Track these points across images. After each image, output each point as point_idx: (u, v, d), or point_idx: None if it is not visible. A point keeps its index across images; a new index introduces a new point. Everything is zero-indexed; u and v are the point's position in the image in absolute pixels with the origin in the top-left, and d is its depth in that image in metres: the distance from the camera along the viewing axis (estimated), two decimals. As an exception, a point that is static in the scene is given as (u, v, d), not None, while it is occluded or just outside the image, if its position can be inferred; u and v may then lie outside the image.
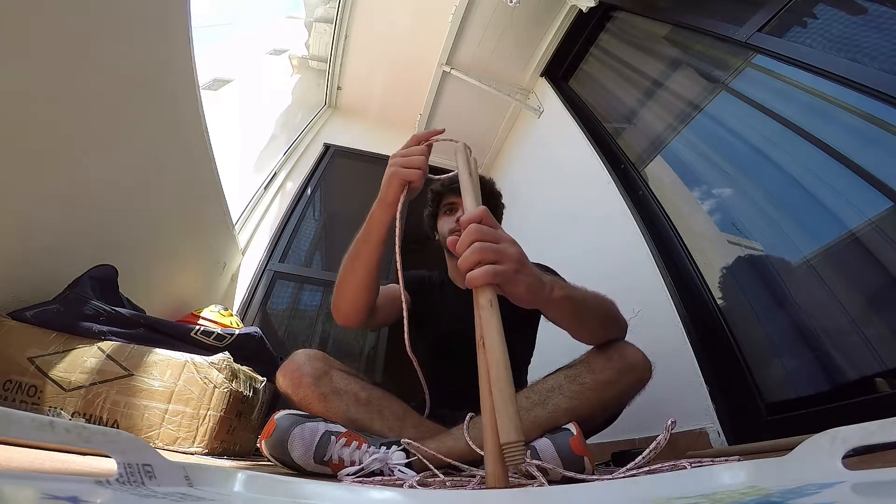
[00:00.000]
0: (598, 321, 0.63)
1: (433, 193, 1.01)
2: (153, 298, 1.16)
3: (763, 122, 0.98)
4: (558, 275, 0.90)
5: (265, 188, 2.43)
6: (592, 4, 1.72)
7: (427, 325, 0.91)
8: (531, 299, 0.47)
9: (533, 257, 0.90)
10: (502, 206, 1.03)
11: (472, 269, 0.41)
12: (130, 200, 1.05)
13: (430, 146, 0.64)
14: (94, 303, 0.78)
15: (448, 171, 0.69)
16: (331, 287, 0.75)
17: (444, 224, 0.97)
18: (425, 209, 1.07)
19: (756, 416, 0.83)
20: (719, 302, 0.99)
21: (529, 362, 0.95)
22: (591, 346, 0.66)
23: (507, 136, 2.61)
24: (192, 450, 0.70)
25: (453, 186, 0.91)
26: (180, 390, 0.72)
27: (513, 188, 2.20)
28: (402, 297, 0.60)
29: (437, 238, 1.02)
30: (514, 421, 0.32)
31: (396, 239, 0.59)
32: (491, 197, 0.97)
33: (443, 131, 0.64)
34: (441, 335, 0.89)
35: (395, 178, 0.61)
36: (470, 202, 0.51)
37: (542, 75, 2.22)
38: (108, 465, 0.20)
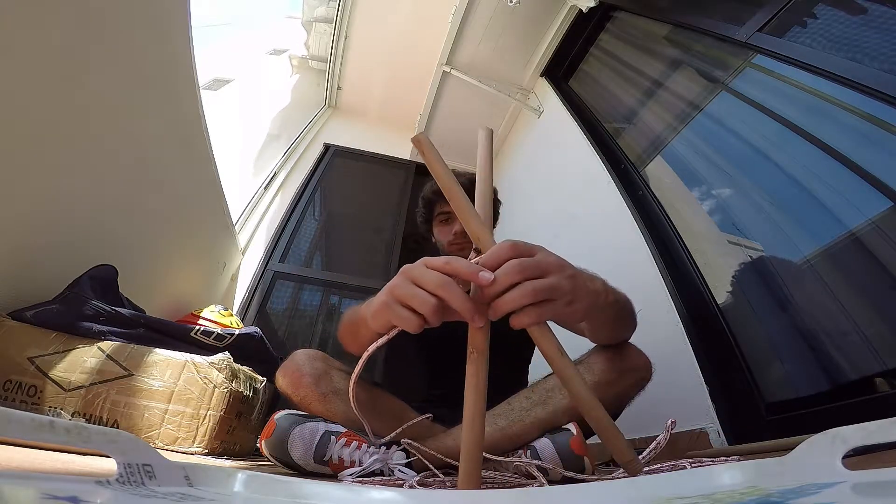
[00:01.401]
0: (626, 322, 0.61)
1: (424, 201, 0.98)
2: (153, 298, 1.16)
3: (763, 122, 0.98)
4: None
5: (265, 188, 2.44)
6: (592, 4, 1.72)
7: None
8: (585, 318, 0.45)
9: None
10: (499, 203, 1.03)
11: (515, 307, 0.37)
12: (130, 200, 1.05)
13: (454, 285, 0.36)
14: (94, 303, 0.78)
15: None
16: (331, 287, 0.74)
17: (441, 234, 0.95)
18: (417, 211, 1.04)
19: (756, 416, 0.83)
20: (719, 302, 0.99)
21: (530, 361, 0.95)
22: (593, 346, 0.66)
23: (507, 136, 2.61)
24: (192, 450, 0.70)
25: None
26: (180, 390, 0.72)
27: (513, 188, 2.20)
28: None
29: (434, 241, 1.01)
30: (624, 442, 0.38)
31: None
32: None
33: (488, 281, 0.36)
34: (438, 336, 0.89)
35: (385, 310, 0.39)
36: (487, 240, 0.42)
37: (542, 75, 2.22)
38: (108, 465, 0.20)
